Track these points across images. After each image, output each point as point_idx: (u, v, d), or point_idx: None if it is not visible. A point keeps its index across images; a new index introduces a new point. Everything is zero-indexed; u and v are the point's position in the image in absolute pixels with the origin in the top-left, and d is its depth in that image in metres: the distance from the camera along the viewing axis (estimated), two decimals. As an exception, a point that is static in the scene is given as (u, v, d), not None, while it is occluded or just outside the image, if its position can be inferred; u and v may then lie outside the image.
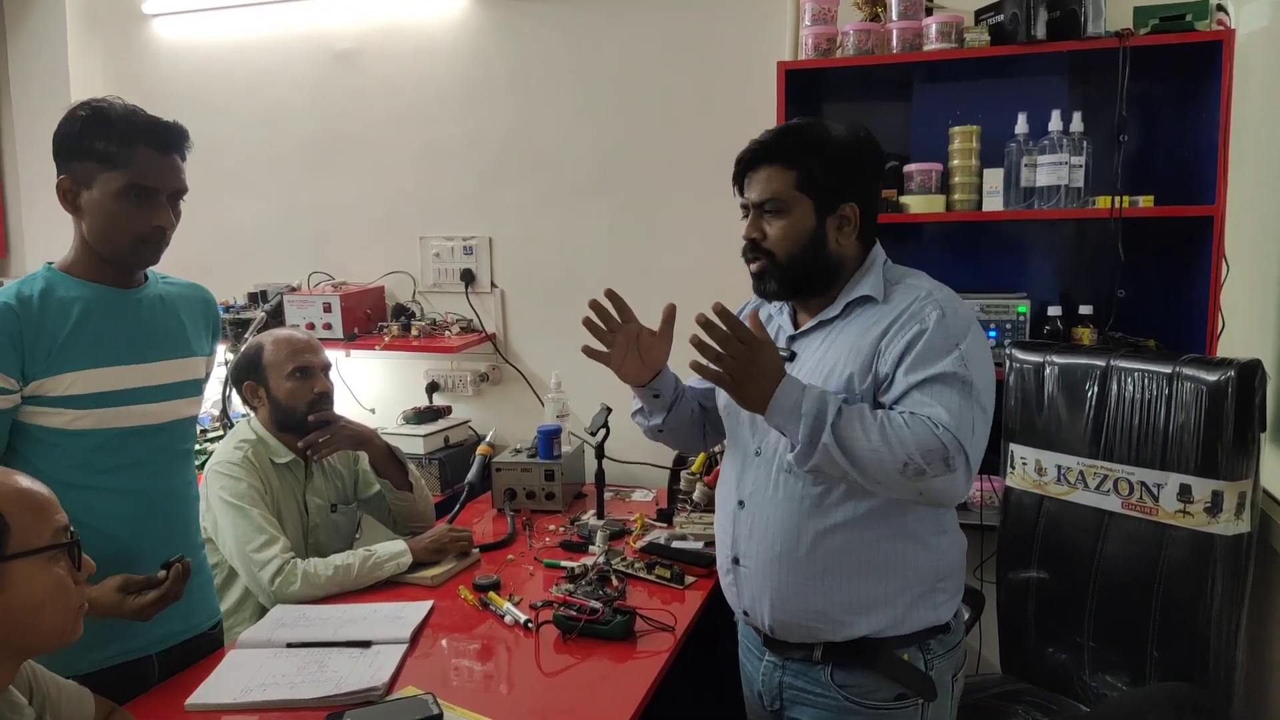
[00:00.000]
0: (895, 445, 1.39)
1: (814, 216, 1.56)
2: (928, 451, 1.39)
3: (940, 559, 1.57)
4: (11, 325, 1.54)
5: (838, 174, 1.56)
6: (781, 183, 1.56)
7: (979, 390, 1.46)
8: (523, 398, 3.09)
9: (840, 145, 1.57)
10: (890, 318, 1.52)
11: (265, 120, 3.28)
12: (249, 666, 1.69)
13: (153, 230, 1.60)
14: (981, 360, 1.50)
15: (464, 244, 3.11)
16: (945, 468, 1.40)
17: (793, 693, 1.63)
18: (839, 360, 1.55)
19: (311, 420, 2.19)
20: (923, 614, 1.55)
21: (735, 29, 2.77)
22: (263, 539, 2.01)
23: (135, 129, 1.58)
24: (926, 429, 1.40)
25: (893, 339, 1.50)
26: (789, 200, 1.56)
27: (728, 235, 2.82)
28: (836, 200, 1.56)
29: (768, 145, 1.59)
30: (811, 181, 1.55)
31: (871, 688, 1.55)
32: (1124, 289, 2.34)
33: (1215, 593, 1.82)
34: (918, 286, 1.56)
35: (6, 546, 1.11)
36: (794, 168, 1.56)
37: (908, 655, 1.55)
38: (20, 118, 3.45)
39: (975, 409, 1.44)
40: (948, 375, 1.44)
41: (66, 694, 1.34)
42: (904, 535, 1.54)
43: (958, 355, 1.45)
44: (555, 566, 2.17)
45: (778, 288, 1.61)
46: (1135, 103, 2.33)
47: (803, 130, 1.60)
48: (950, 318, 1.49)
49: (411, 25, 3.08)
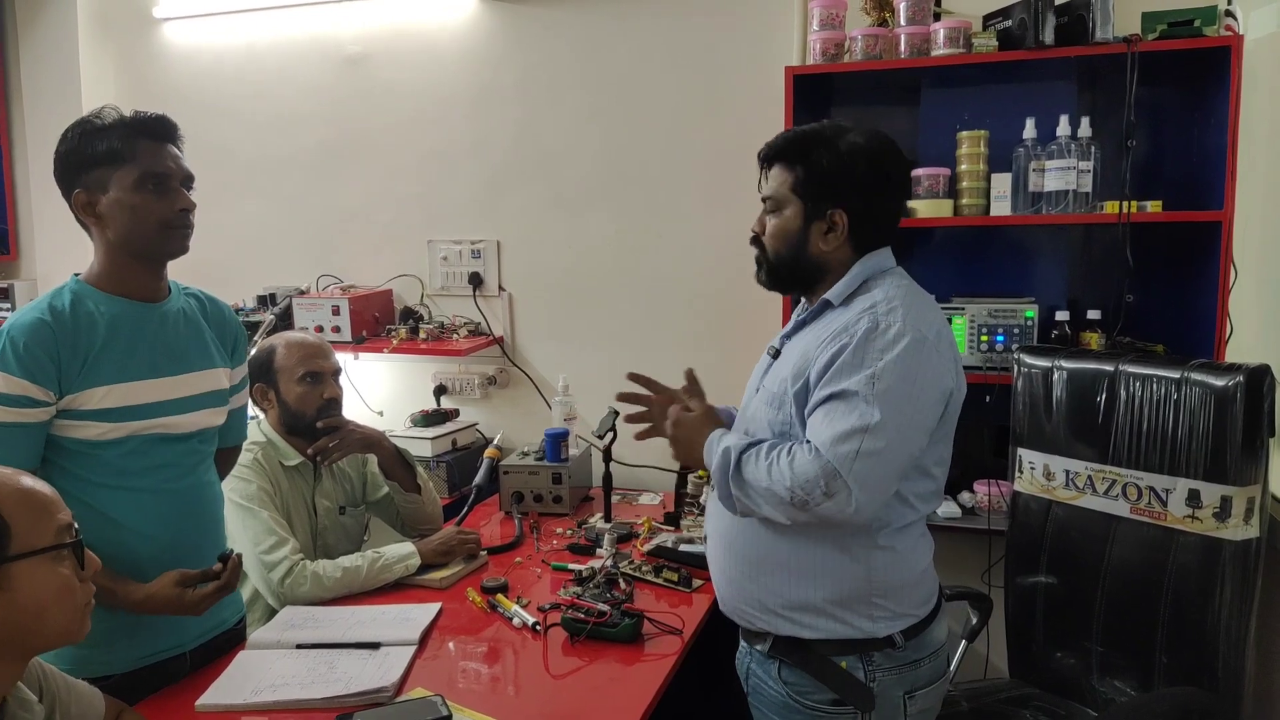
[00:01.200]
0: (778, 480, 1.45)
1: (801, 218, 1.59)
2: (806, 482, 1.42)
3: (874, 574, 1.54)
4: (48, 339, 1.56)
5: (827, 180, 1.57)
6: (781, 182, 1.61)
7: (878, 410, 1.41)
8: (530, 401, 3.10)
9: (839, 153, 1.57)
10: (832, 327, 1.53)
11: (274, 124, 3.29)
12: (259, 667, 1.70)
13: (177, 214, 1.62)
14: (900, 377, 1.44)
15: (472, 248, 3.12)
16: (824, 496, 1.41)
17: (754, 680, 1.67)
18: (788, 363, 1.58)
19: (320, 425, 2.20)
20: (856, 624, 1.54)
21: (743, 34, 2.78)
22: (272, 540, 2.02)
23: (131, 125, 1.61)
24: (805, 459, 1.43)
25: (824, 349, 1.50)
26: (783, 200, 1.61)
27: (735, 239, 2.82)
28: (824, 206, 1.57)
29: (776, 144, 1.64)
30: (805, 184, 1.58)
31: (810, 688, 1.57)
32: (1132, 294, 2.34)
33: (1224, 598, 1.82)
34: (873, 296, 1.54)
35: (8, 548, 1.11)
36: (793, 169, 1.60)
37: (845, 663, 1.55)
38: (32, 122, 3.47)
39: (869, 433, 1.41)
40: (849, 394, 1.44)
41: (76, 693, 1.34)
42: (829, 543, 1.53)
43: (868, 374, 1.43)
44: (563, 569, 2.18)
45: (766, 279, 1.68)
46: (1143, 108, 2.33)
47: (807, 134, 1.62)
48: (880, 332, 1.46)
49: (420, 30, 3.09)
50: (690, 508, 2.51)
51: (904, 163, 1.63)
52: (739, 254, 2.84)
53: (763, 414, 1.60)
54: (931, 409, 1.50)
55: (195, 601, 1.62)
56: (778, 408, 1.56)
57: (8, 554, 1.10)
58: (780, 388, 1.56)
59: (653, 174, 2.93)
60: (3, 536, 1.10)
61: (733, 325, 2.84)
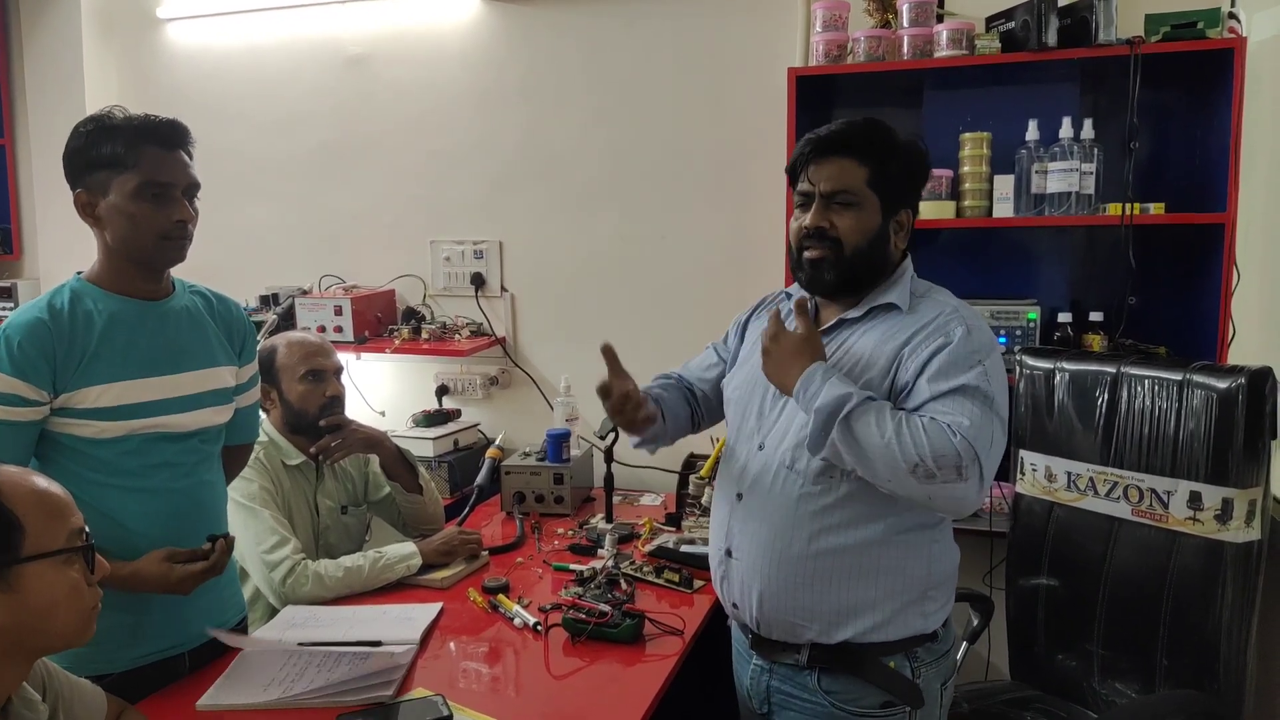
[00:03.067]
0: (908, 445, 1.39)
1: (880, 216, 1.56)
2: (940, 456, 1.39)
3: (933, 568, 1.56)
4: (44, 338, 1.56)
5: (903, 178, 1.57)
6: (855, 176, 1.54)
7: (999, 406, 1.47)
8: (532, 401, 3.10)
9: (907, 150, 1.58)
10: (914, 328, 1.53)
11: (278, 124, 3.30)
12: (260, 666, 1.70)
13: (174, 226, 1.62)
14: (1001, 379, 1.51)
15: (474, 248, 3.12)
16: (957, 475, 1.40)
17: (780, 697, 1.63)
18: (858, 363, 1.55)
19: (322, 424, 2.20)
20: (911, 621, 1.55)
21: (746, 35, 2.78)
22: (274, 540, 2.02)
23: (139, 131, 1.60)
24: (944, 434, 1.40)
25: (916, 349, 1.50)
26: (860, 195, 1.55)
27: (737, 240, 2.86)
28: (899, 204, 1.58)
29: (842, 135, 1.56)
30: (882, 180, 1.55)
31: (857, 694, 1.55)
32: (1134, 296, 2.34)
33: (1225, 600, 1.82)
34: (944, 302, 1.57)
35: (21, 549, 1.11)
36: (867, 164, 1.54)
37: (894, 663, 1.55)
38: (36, 121, 3.48)
39: (995, 423, 1.45)
40: (970, 388, 1.45)
41: (79, 691, 1.34)
42: (898, 543, 1.54)
43: (981, 370, 1.46)
44: (564, 570, 2.18)
45: (835, 279, 1.58)
46: (1146, 110, 2.33)
47: (878, 128, 1.58)
48: (975, 334, 1.51)
49: (423, 31, 3.09)
50: (692, 509, 2.51)
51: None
52: (742, 255, 2.88)
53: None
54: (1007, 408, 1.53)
55: (181, 578, 1.60)
56: None
57: (19, 555, 1.11)
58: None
59: (655, 175, 2.93)
60: (16, 537, 1.11)
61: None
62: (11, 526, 1.11)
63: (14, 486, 1.13)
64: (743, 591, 1.62)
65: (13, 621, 1.11)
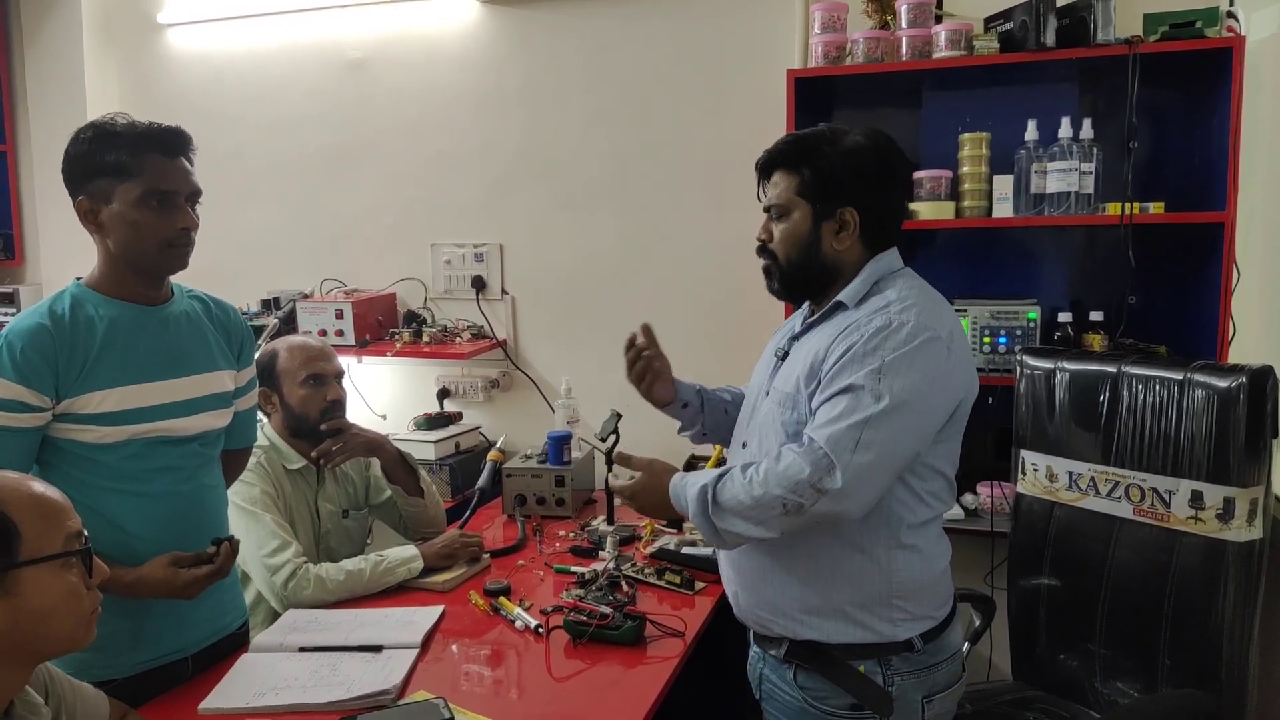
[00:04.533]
0: (765, 494, 1.43)
1: (810, 220, 1.59)
2: (794, 484, 1.41)
3: (894, 577, 1.53)
4: (46, 344, 1.56)
5: (835, 179, 1.57)
6: (785, 187, 1.60)
7: (884, 405, 1.41)
8: (533, 404, 3.10)
9: (843, 151, 1.57)
10: (845, 325, 1.53)
11: (278, 129, 3.30)
12: (261, 670, 1.70)
13: (178, 233, 1.62)
14: (910, 374, 1.44)
15: (475, 251, 3.13)
16: (817, 493, 1.41)
17: (768, 686, 1.66)
18: (799, 363, 1.57)
19: (323, 428, 2.21)
20: (876, 628, 1.54)
21: (745, 37, 2.79)
22: (276, 544, 2.02)
23: (142, 138, 1.60)
24: (791, 459, 1.43)
25: (835, 347, 1.50)
26: (789, 204, 1.60)
27: (738, 242, 2.83)
28: (833, 205, 1.57)
29: (776, 151, 1.63)
30: (808, 186, 1.58)
31: (827, 693, 1.56)
32: (1135, 295, 2.34)
33: (1227, 599, 1.82)
34: (887, 296, 1.54)
35: (17, 553, 1.11)
36: (796, 173, 1.59)
37: (864, 668, 1.54)
38: (37, 127, 3.49)
39: (869, 424, 1.41)
40: (854, 387, 1.44)
41: (82, 696, 1.35)
42: (847, 545, 1.52)
43: (874, 368, 1.43)
44: (566, 572, 2.18)
45: (779, 287, 1.66)
46: (1145, 109, 2.33)
47: (805, 137, 1.62)
48: (893, 330, 1.46)
49: (423, 34, 3.10)
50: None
51: (906, 159, 1.64)
52: (741, 257, 2.85)
53: (775, 415, 1.58)
54: (940, 409, 1.50)
55: (187, 583, 1.60)
56: (791, 408, 1.55)
57: (16, 560, 1.11)
58: (793, 387, 1.56)
59: (655, 177, 2.93)
60: (12, 542, 1.11)
61: (736, 328, 2.84)
62: (7, 531, 1.11)
63: (10, 492, 1.13)
64: (727, 583, 1.69)
65: (11, 626, 1.12)
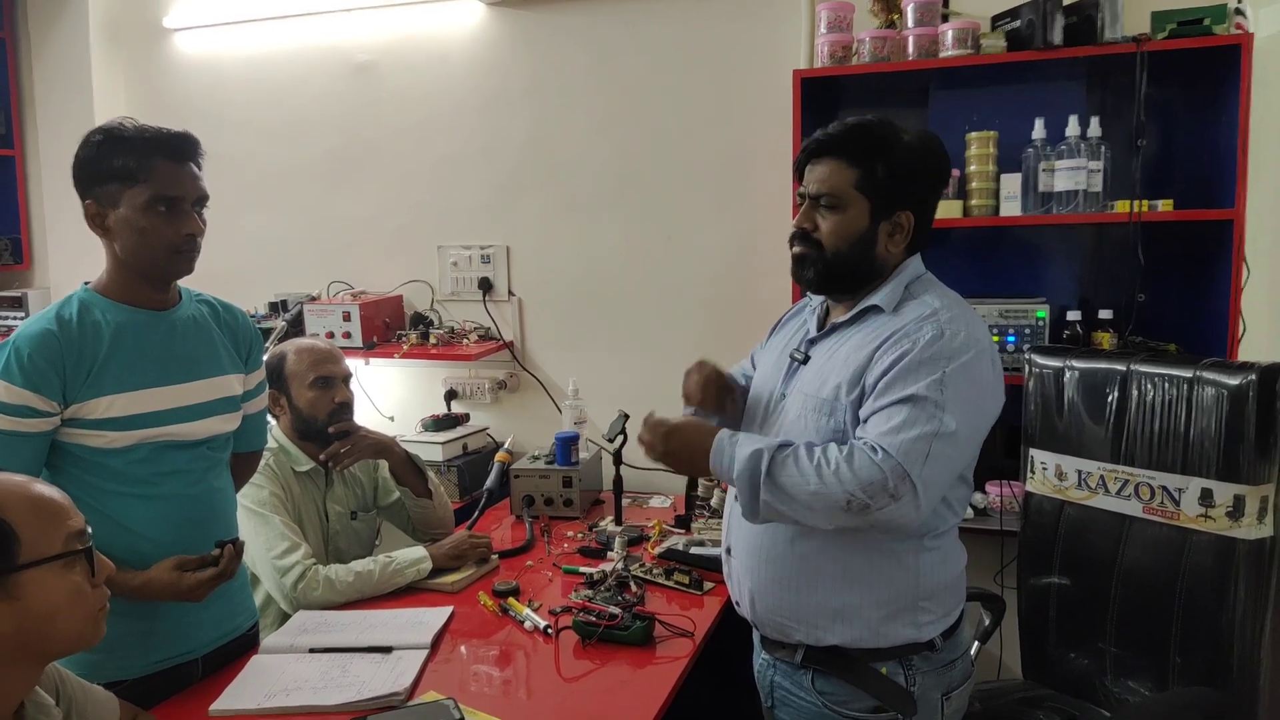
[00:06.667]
0: (833, 485, 1.38)
1: (868, 218, 1.54)
2: (868, 485, 1.37)
3: (921, 577, 1.53)
4: (53, 349, 1.56)
5: (899, 180, 1.53)
6: (842, 179, 1.53)
7: (949, 416, 1.40)
8: (540, 405, 3.11)
9: (907, 151, 1.54)
10: (888, 333, 1.50)
11: (285, 132, 3.31)
12: (272, 672, 1.71)
13: (184, 239, 1.62)
14: (968, 385, 1.44)
15: (481, 253, 3.13)
16: (889, 498, 1.37)
17: (781, 692, 1.64)
18: (835, 368, 1.54)
19: (331, 430, 2.21)
20: (901, 630, 1.53)
21: (751, 37, 2.79)
22: (285, 545, 2.03)
23: (151, 143, 1.60)
24: (866, 460, 1.38)
25: (883, 354, 1.47)
26: (846, 198, 1.53)
27: (744, 243, 2.86)
28: (894, 207, 1.54)
29: (835, 138, 1.55)
30: (872, 183, 1.53)
31: (849, 697, 1.54)
32: (1144, 293, 2.34)
33: (1238, 597, 1.81)
34: (928, 303, 1.52)
35: (17, 556, 1.11)
36: (857, 166, 1.52)
37: (886, 669, 1.53)
38: (44, 131, 3.50)
39: (940, 437, 1.39)
40: (918, 398, 1.40)
41: (92, 697, 1.35)
42: (878, 550, 1.51)
43: (937, 379, 1.41)
44: (574, 572, 2.18)
45: (815, 278, 1.58)
46: (1153, 107, 2.32)
47: (872, 129, 1.55)
48: (946, 340, 1.45)
49: (429, 37, 3.10)
50: (701, 511, 2.51)
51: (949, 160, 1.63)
52: (748, 257, 2.88)
53: (809, 421, 1.54)
54: (990, 418, 1.50)
55: (192, 586, 1.61)
56: (828, 415, 1.51)
57: (15, 563, 1.11)
58: (830, 394, 1.52)
59: (661, 178, 2.93)
60: (11, 545, 1.10)
61: (742, 329, 2.83)
62: (6, 535, 1.10)
63: (6, 494, 1.13)
64: (739, 589, 1.65)
65: (17, 628, 1.11)
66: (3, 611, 1.10)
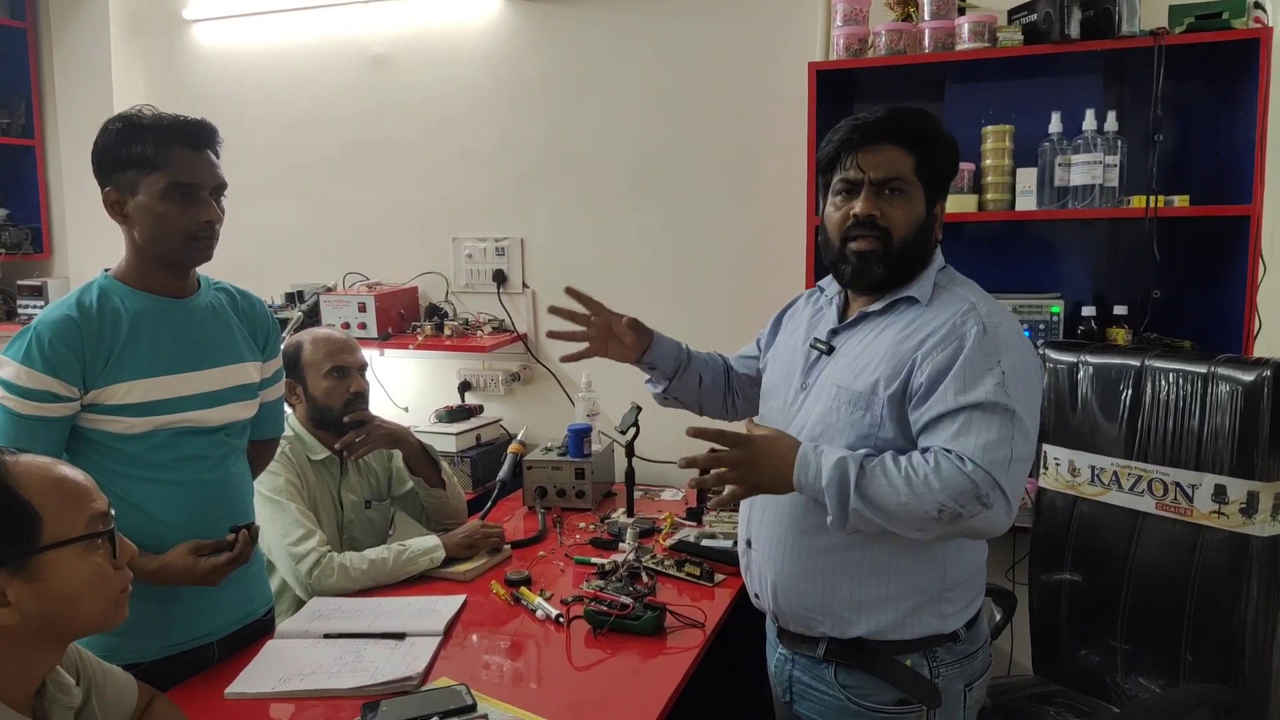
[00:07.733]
0: (924, 495, 1.35)
1: (924, 206, 1.53)
2: (959, 494, 1.35)
3: (948, 569, 1.53)
4: (73, 335, 1.59)
5: (945, 170, 1.55)
6: (905, 164, 1.50)
7: (1020, 415, 1.40)
8: (553, 397, 3.12)
9: (948, 140, 1.55)
10: (929, 327, 1.48)
11: (302, 123, 3.33)
12: (287, 656, 1.73)
13: (202, 226, 1.64)
14: (1025, 378, 1.44)
15: (496, 245, 3.14)
16: (981, 506, 1.35)
17: (801, 687, 1.63)
18: (871, 361, 1.52)
19: (347, 420, 2.23)
20: (926, 621, 1.52)
21: (766, 30, 2.78)
22: (300, 532, 2.05)
23: (168, 131, 1.62)
24: (954, 470, 1.36)
25: (930, 353, 1.45)
26: (910, 183, 1.50)
27: (759, 235, 2.85)
28: (938, 194, 1.55)
29: (891, 122, 1.51)
30: (928, 170, 1.52)
31: (873, 690, 1.54)
32: (1159, 289, 2.32)
33: (1250, 594, 1.80)
34: (962, 297, 1.51)
35: (40, 538, 1.12)
36: (915, 153, 1.50)
37: (910, 661, 1.53)
38: (65, 122, 3.53)
39: (1015, 438, 1.39)
40: (987, 404, 1.38)
41: (112, 678, 1.37)
42: (907, 542, 1.48)
43: (998, 379, 1.40)
44: (586, 563, 2.19)
45: (884, 271, 1.53)
46: (1170, 101, 2.31)
47: (920, 117, 1.53)
48: (991, 334, 1.43)
49: (446, 29, 3.11)
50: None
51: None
52: (763, 249, 2.88)
53: (843, 415, 1.51)
54: (1040, 407, 1.49)
55: (208, 570, 1.62)
56: (864, 409, 1.49)
57: (39, 544, 1.12)
58: (868, 387, 1.49)
59: (676, 170, 2.93)
60: (34, 527, 1.12)
61: (757, 320, 2.80)
62: (29, 516, 1.11)
63: (31, 476, 1.14)
64: (761, 582, 1.64)
65: (39, 610, 1.13)
66: (25, 592, 1.11)
